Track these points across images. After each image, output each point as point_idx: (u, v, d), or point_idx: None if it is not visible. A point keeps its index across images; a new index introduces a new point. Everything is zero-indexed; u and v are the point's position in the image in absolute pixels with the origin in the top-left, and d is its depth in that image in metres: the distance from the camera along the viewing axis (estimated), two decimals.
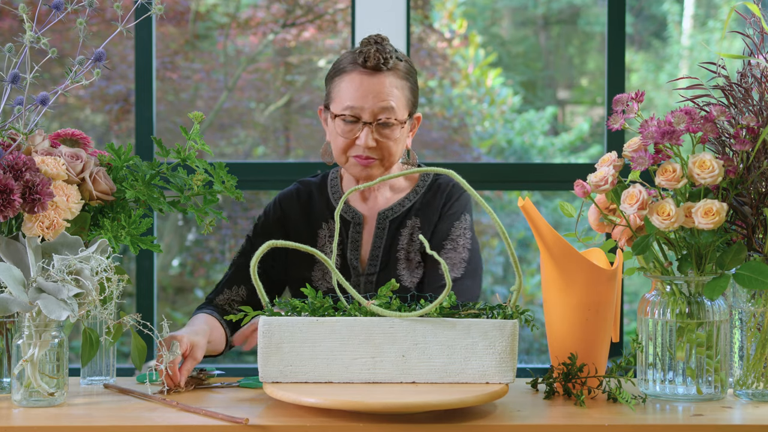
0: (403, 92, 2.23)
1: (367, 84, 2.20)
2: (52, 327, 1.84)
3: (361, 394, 1.76)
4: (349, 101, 2.21)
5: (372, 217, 2.32)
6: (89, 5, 2.00)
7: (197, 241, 6.11)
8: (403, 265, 2.28)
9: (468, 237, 2.30)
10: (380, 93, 2.20)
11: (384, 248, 2.28)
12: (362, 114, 2.21)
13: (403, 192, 2.34)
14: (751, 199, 1.93)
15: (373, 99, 2.20)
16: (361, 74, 2.21)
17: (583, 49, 6.67)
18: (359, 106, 2.20)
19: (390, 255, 2.28)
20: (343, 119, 2.22)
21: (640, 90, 1.95)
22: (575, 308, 1.91)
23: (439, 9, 6.34)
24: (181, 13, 5.95)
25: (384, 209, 2.31)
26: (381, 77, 2.21)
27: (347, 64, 2.25)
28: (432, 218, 2.29)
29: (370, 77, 2.21)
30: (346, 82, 2.23)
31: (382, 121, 2.21)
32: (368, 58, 2.20)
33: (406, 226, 2.29)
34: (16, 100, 1.98)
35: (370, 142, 2.21)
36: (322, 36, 6.02)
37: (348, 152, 2.25)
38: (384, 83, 2.21)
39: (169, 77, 5.96)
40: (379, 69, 2.21)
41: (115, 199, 2.05)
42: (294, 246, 1.91)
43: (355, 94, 2.20)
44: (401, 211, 2.30)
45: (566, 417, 1.78)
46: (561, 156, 6.39)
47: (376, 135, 2.22)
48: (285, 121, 6.13)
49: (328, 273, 2.29)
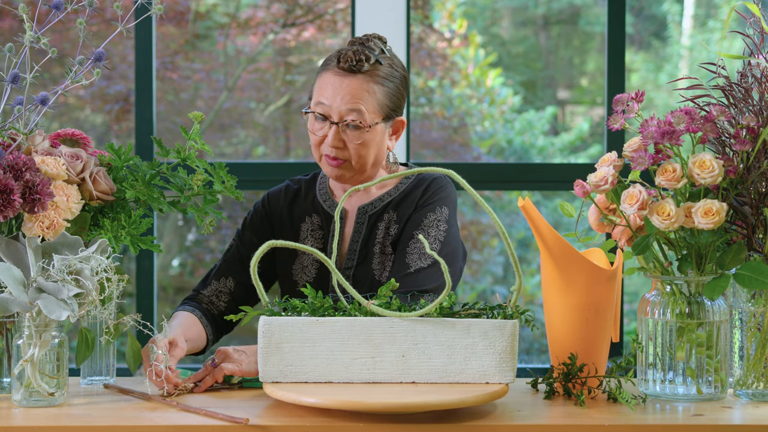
0: (374, 96, 2.21)
1: (338, 84, 2.21)
2: (52, 327, 1.84)
3: (361, 394, 1.76)
4: (321, 98, 2.22)
5: (352, 210, 2.33)
6: (89, 5, 2.00)
7: (197, 241, 6.11)
8: (378, 259, 2.28)
9: (442, 229, 2.26)
10: (349, 95, 2.20)
11: (362, 243, 2.29)
12: (330, 113, 2.22)
13: (385, 188, 2.34)
14: (751, 199, 1.93)
15: (341, 100, 2.20)
16: (335, 74, 2.22)
17: (583, 49, 6.67)
18: (329, 104, 2.21)
19: (368, 249, 2.29)
20: (314, 115, 2.24)
21: (640, 90, 1.95)
22: (575, 308, 1.91)
23: (439, 9, 6.34)
24: (181, 13, 5.95)
25: (363, 204, 2.31)
26: (352, 79, 2.21)
27: (329, 61, 2.26)
28: (407, 211, 2.28)
29: (342, 78, 2.21)
30: (323, 79, 2.24)
31: (348, 122, 2.21)
32: (342, 59, 2.21)
33: (383, 219, 2.29)
34: (16, 100, 1.98)
35: (335, 142, 2.22)
36: (322, 36, 6.02)
37: (320, 149, 2.27)
38: (354, 86, 2.20)
39: (169, 77, 5.96)
40: (352, 71, 2.20)
41: (115, 199, 2.05)
42: (294, 246, 1.91)
43: (326, 92, 2.22)
44: (380, 206, 2.30)
45: (566, 417, 1.78)
46: (561, 156, 6.39)
47: (344, 136, 2.22)
48: (285, 121, 6.13)
49: (307, 267, 2.31)
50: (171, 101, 6.00)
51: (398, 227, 2.27)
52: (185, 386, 1.95)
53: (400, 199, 2.31)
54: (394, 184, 2.34)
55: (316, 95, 2.25)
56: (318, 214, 2.34)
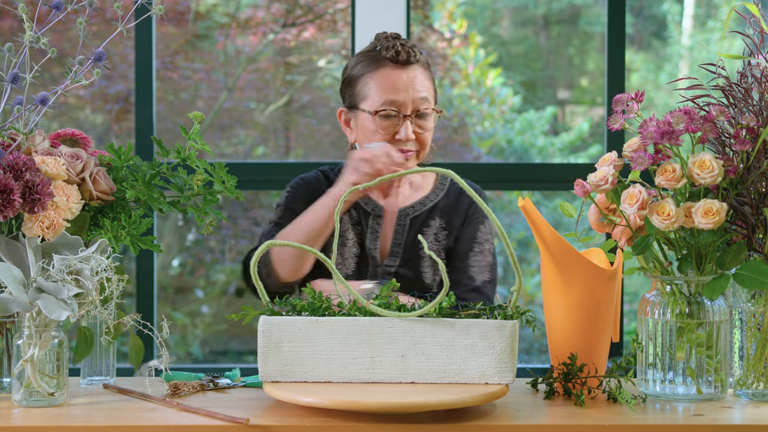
0: (431, 83, 2.29)
1: (403, 77, 2.24)
2: (52, 327, 1.84)
3: (360, 394, 1.76)
4: (388, 95, 2.23)
5: (392, 212, 2.34)
6: (89, 5, 2.00)
7: (197, 241, 6.11)
8: (427, 263, 2.30)
9: (492, 242, 2.36)
10: (418, 85, 2.25)
11: (405, 245, 2.30)
12: (402, 107, 2.23)
13: (422, 190, 2.35)
14: (751, 199, 1.93)
15: (411, 91, 2.23)
16: (394, 68, 2.24)
17: (583, 49, 6.66)
18: (400, 99, 2.23)
19: (413, 252, 2.29)
20: (384, 114, 2.24)
21: (640, 90, 1.95)
22: (575, 308, 1.91)
23: (439, 9, 6.34)
24: (181, 13, 5.95)
25: (405, 206, 2.32)
26: (413, 69, 2.25)
27: (374, 61, 2.26)
28: (456, 220, 2.31)
29: (404, 71, 2.24)
30: (380, 77, 2.25)
31: (419, 112, 2.23)
32: (399, 52, 2.23)
33: (430, 225, 2.31)
34: (16, 100, 1.98)
35: (412, 135, 2.23)
36: (322, 36, 6.02)
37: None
38: (417, 75, 2.26)
39: (169, 77, 5.96)
40: (410, 62, 2.24)
41: (115, 199, 2.05)
42: (294, 246, 1.91)
43: (393, 87, 2.23)
44: (423, 210, 2.32)
45: (566, 417, 1.78)
46: (561, 156, 6.39)
47: (414, 127, 2.24)
48: (285, 121, 6.13)
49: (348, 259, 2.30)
50: (171, 101, 6.00)
51: (448, 235, 2.30)
52: (186, 388, 1.95)
53: (446, 206, 2.32)
54: (431, 187, 2.35)
55: (377, 96, 2.24)
56: (355, 209, 2.34)
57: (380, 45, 2.26)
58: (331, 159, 6.09)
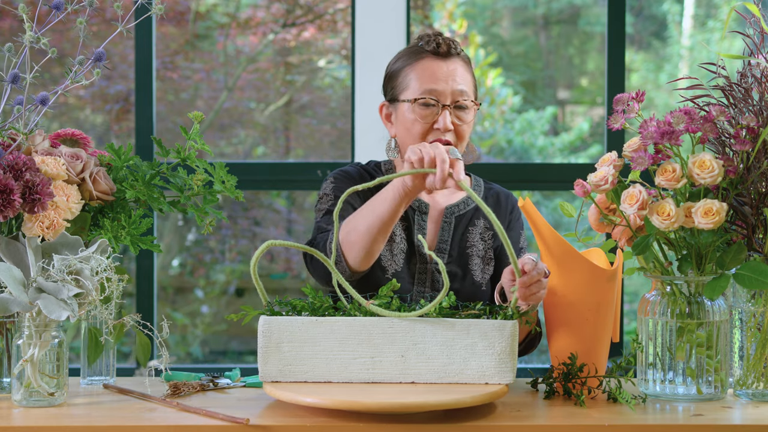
0: (471, 77, 2.31)
1: (444, 68, 2.26)
2: (52, 327, 1.84)
3: (360, 394, 1.76)
4: (428, 85, 2.25)
5: (436, 209, 2.34)
6: (89, 5, 2.00)
7: (197, 241, 6.11)
8: (476, 261, 2.31)
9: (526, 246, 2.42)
10: (456, 76, 2.26)
11: (453, 242, 2.31)
12: (441, 97, 2.24)
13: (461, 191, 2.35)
14: (751, 199, 1.93)
15: (451, 82, 2.25)
16: (434, 59, 2.27)
17: (583, 49, 6.66)
18: (439, 89, 2.24)
19: (460, 250, 2.31)
20: (423, 103, 2.25)
21: (641, 90, 1.95)
22: (575, 308, 1.91)
23: (439, 9, 6.34)
24: (181, 13, 5.95)
25: (450, 205, 2.33)
26: (453, 62, 2.28)
27: (416, 54, 2.29)
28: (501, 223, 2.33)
29: (444, 62, 2.27)
30: (421, 68, 2.27)
31: (459, 103, 2.24)
32: (440, 44, 2.26)
33: (475, 225, 2.33)
34: (16, 100, 1.98)
35: (450, 125, 2.24)
36: (322, 36, 6.02)
37: (426, 138, 2.26)
38: (457, 67, 2.28)
39: (169, 77, 5.96)
40: (451, 54, 2.26)
41: (115, 199, 2.05)
42: (294, 246, 1.91)
43: (433, 77, 2.25)
44: (467, 210, 2.34)
45: (566, 417, 1.78)
46: (561, 156, 6.39)
47: (453, 118, 2.25)
48: (285, 121, 6.13)
49: (397, 255, 2.28)
50: (171, 101, 6.00)
51: (493, 236, 2.33)
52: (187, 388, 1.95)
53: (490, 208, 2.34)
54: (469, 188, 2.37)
55: (417, 85, 2.26)
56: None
57: (422, 41, 2.30)
58: (331, 159, 6.09)
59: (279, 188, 4.18)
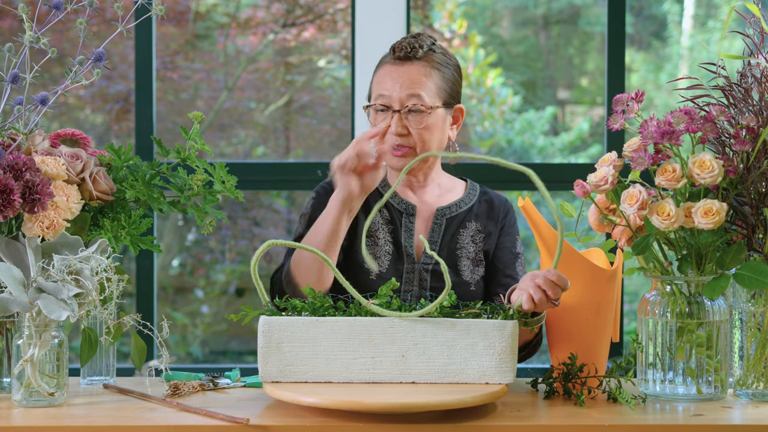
0: (433, 80, 2.27)
1: (395, 73, 2.26)
2: (52, 327, 1.84)
3: (360, 394, 1.76)
4: (380, 90, 2.26)
5: (426, 210, 2.34)
6: (89, 5, 2.00)
7: (197, 241, 6.11)
8: (465, 263, 2.31)
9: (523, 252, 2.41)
10: (408, 81, 2.25)
11: (442, 243, 2.31)
12: (391, 102, 2.24)
13: (455, 193, 2.37)
14: (751, 199, 1.93)
15: (400, 87, 2.24)
16: (392, 65, 2.28)
17: (583, 49, 6.66)
18: (388, 94, 2.25)
19: (449, 251, 2.31)
20: (375, 108, 2.26)
21: (640, 90, 1.95)
22: (575, 308, 1.91)
23: (439, 9, 6.34)
24: (181, 13, 5.95)
25: (442, 206, 2.33)
26: (410, 66, 2.26)
27: (382, 60, 2.31)
28: (492, 229, 2.35)
29: (399, 66, 2.26)
30: (379, 75, 2.29)
31: (409, 108, 2.24)
32: (400, 48, 2.25)
33: (467, 227, 2.33)
34: (16, 100, 1.98)
35: (399, 129, 2.24)
36: (322, 36, 6.02)
37: (384, 142, 2.27)
38: (412, 71, 2.26)
39: (169, 77, 5.96)
40: (408, 58, 2.26)
41: (115, 199, 2.05)
42: (295, 246, 1.91)
43: (386, 83, 2.26)
44: (459, 212, 2.34)
45: (566, 417, 1.78)
46: (561, 156, 6.39)
47: (406, 123, 2.25)
48: (285, 121, 6.13)
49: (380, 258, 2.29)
50: (171, 101, 6.00)
51: (485, 238, 2.31)
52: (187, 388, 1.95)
53: (480, 212, 2.36)
54: (463, 191, 2.37)
55: (375, 90, 2.28)
56: (386, 208, 2.34)
57: (393, 46, 2.30)
58: (331, 159, 6.09)
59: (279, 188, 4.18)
